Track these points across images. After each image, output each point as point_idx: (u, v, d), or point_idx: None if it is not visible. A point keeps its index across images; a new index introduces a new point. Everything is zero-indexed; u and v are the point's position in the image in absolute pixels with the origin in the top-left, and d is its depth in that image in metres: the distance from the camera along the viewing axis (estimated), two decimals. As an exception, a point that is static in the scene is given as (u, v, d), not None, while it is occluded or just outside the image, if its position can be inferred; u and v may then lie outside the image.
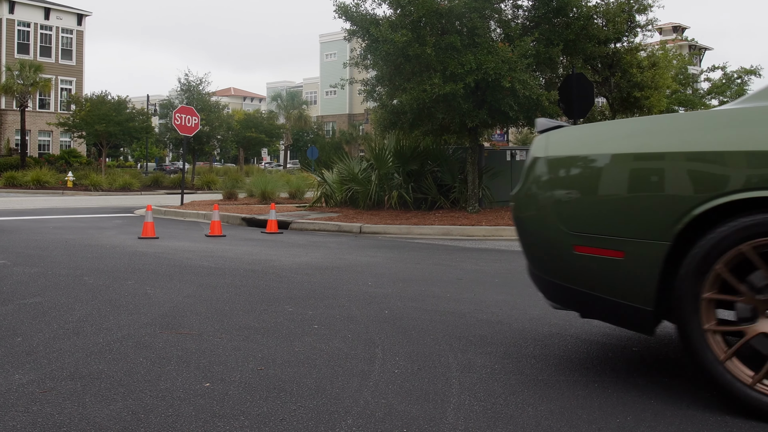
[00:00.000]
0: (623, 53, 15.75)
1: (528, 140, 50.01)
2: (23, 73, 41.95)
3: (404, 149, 15.51)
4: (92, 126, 39.07)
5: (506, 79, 12.02)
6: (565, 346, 4.22)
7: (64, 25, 51.25)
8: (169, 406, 3.12)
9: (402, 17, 13.34)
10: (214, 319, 4.89)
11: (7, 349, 4.02)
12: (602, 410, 3.09)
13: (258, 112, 64.18)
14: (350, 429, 2.87)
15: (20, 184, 29.79)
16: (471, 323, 4.84)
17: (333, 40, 71.92)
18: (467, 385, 3.45)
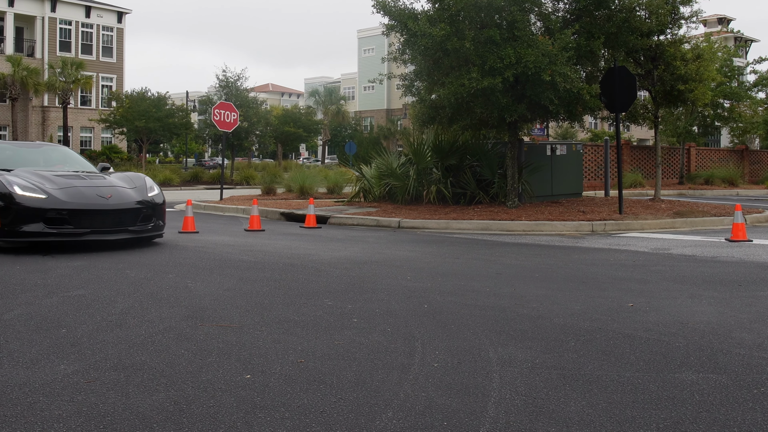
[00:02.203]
0: (667, 45, 15.40)
1: (568, 134, 49.47)
2: (65, 70, 42.78)
3: (443, 144, 15.42)
4: (132, 122, 39.69)
5: (546, 73, 11.87)
6: (608, 342, 4.15)
7: (105, 23, 52.05)
8: (210, 397, 3.14)
9: (440, 11, 13.25)
10: (254, 312, 4.92)
11: (52, 341, 4.09)
12: (647, 408, 3.03)
13: (296, 107, 64.57)
14: (390, 422, 2.86)
15: (64, 179, 30.45)
16: (511, 318, 4.80)
17: (371, 35, 71.91)
18: (508, 379, 3.42)
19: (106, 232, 8.10)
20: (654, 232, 11.51)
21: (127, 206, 8.31)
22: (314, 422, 2.85)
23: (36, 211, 7.73)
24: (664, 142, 28.02)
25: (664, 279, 6.54)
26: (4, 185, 7.85)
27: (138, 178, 9.15)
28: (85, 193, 8.14)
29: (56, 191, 7.96)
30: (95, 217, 8.04)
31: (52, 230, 7.76)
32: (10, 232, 7.69)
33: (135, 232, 8.37)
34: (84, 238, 7.93)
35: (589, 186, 21.79)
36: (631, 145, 27.40)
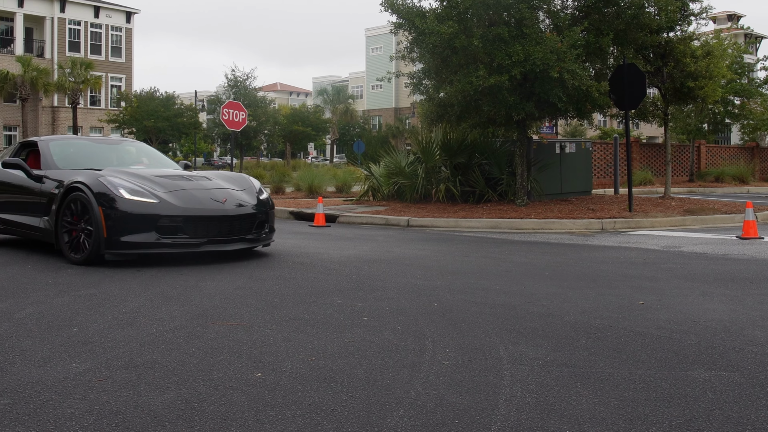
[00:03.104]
0: (676, 42, 15.32)
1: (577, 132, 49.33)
2: (74, 70, 43.00)
3: (451, 142, 15.40)
4: (141, 122, 39.89)
5: (555, 70, 11.83)
6: (619, 339, 4.14)
7: (114, 23, 52.24)
8: (221, 395, 3.15)
9: (448, 9, 13.23)
10: (264, 310, 4.93)
11: (64, 339, 4.11)
12: (659, 405, 3.01)
13: (304, 106, 64.65)
14: (402, 420, 2.86)
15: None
16: (521, 315, 4.79)
17: (379, 33, 71.93)
18: (519, 377, 3.41)
19: (223, 242, 7.17)
20: (664, 229, 11.46)
21: (244, 211, 7.41)
22: (325, 420, 2.85)
23: (147, 218, 6.77)
24: (673, 139, 27.86)
25: (674, 277, 6.52)
26: (108, 188, 6.87)
27: (243, 178, 8.29)
28: (199, 197, 7.19)
29: (167, 195, 7.01)
30: (211, 224, 7.11)
31: (166, 240, 6.81)
32: (116, 242, 6.72)
33: (251, 240, 7.50)
34: (200, 249, 6.99)
35: (598, 184, 21.72)
36: (640, 143, 27.29)
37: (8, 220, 8.02)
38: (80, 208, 6.93)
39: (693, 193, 21.27)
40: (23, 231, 7.80)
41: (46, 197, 7.41)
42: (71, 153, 8.34)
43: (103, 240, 6.68)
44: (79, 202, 6.94)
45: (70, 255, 6.99)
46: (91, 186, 6.89)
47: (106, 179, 6.97)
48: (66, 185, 7.12)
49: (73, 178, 7.14)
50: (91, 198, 6.80)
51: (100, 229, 6.70)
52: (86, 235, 6.85)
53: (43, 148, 8.12)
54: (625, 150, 20.88)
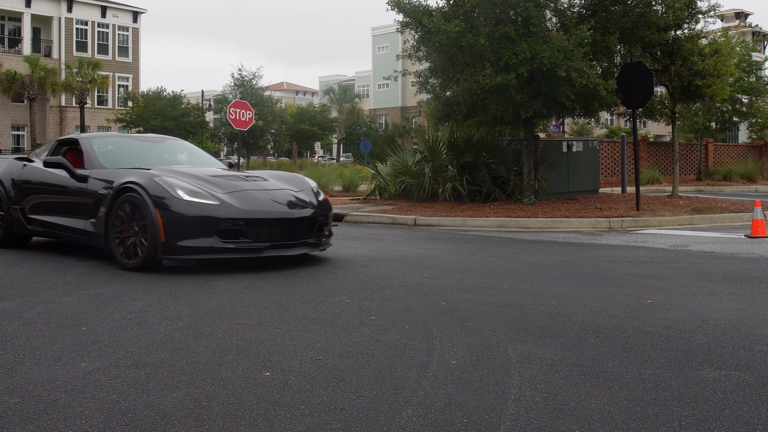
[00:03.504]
0: (684, 41, 15.27)
1: (584, 131, 49.22)
2: (82, 70, 43.14)
3: (458, 141, 15.38)
4: (148, 121, 40.00)
5: (562, 69, 11.80)
6: (627, 339, 4.12)
7: (120, 23, 52.39)
8: (230, 394, 3.15)
9: (455, 7, 13.22)
10: (272, 309, 4.93)
11: (73, 338, 4.12)
12: (669, 405, 3.00)
13: (311, 105, 64.71)
14: (410, 419, 2.86)
15: (82, 178, 30.61)
16: (529, 315, 4.78)
17: (385, 32, 71.91)
18: (527, 376, 3.40)
19: (286, 246, 6.78)
20: (672, 228, 11.43)
21: (306, 214, 6.99)
22: (334, 419, 2.85)
23: (208, 221, 6.34)
24: (681, 138, 27.78)
25: (683, 276, 6.50)
26: (165, 189, 6.43)
27: (299, 179, 7.87)
28: (260, 199, 6.78)
29: (227, 196, 6.59)
30: (274, 227, 6.70)
31: (228, 245, 6.40)
32: (174, 247, 6.31)
33: (313, 245, 7.12)
34: (263, 254, 6.62)
35: (605, 183, 21.67)
36: (647, 142, 27.21)
37: (49, 222, 7.54)
38: (133, 211, 6.52)
39: (701, 192, 21.20)
40: (65, 234, 7.36)
41: (92, 198, 6.97)
42: (115, 151, 7.92)
43: (161, 245, 6.28)
44: (133, 203, 6.51)
45: (123, 260, 6.56)
46: (146, 186, 6.45)
47: (161, 179, 6.54)
48: (117, 186, 6.67)
49: (124, 178, 6.70)
50: (147, 199, 6.37)
51: (157, 233, 6.27)
52: (140, 240, 6.44)
53: (85, 146, 7.66)
54: (632, 148, 20.84)
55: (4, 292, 5.51)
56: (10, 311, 4.82)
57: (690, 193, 19.05)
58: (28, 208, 7.81)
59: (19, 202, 7.88)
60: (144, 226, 6.40)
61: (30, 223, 7.78)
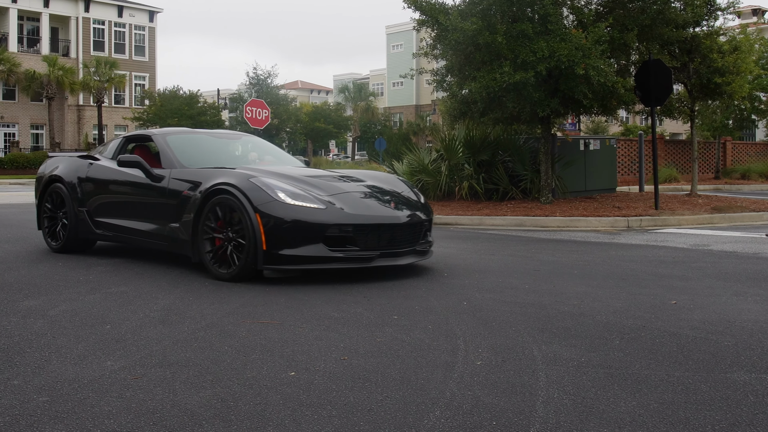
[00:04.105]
0: (702, 38, 15.14)
1: (600, 129, 48.94)
2: (99, 69, 43.43)
3: (474, 139, 15.33)
4: (165, 120, 40.18)
5: (580, 67, 11.73)
6: (653, 340, 4.09)
7: (137, 22, 52.70)
8: (256, 394, 3.15)
9: (472, 5, 13.18)
10: (294, 308, 4.93)
11: (97, 337, 4.14)
12: (700, 409, 2.97)
13: (325, 104, 64.80)
14: (438, 420, 2.84)
15: (99, 177, 30.74)
16: (553, 315, 4.75)
17: (399, 31, 71.85)
18: (554, 378, 3.38)
19: (395, 255, 6.18)
20: (691, 227, 11.34)
21: (415, 219, 6.37)
22: (362, 420, 2.84)
23: (314, 228, 5.76)
24: (698, 136, 27.57)
25: (705, 276, 6.44)
26: (265, 191, 5.85)
27: (394, 179, 7.31)
28: (366, 202, 6.22)
29: (331, 199, 6.03)
30: (383, 234, 6.09)
31: (336, 253, 5.83)
32: (277, 256, 5.74)
33: (420, 253, 6.52)
34: (372, 264, 6.03)
35: (622, 181, 21.54)
36: (665, 140, 27.02)
37: (120, 226, 7.04)
38: (228, 215, 5.96)
39: (719, 191, 21.02)
40: (140, 239, 6.85)
41: (174, 200, 6.43)
42: (193, 149, 7.28)
43: (262, 253, 5.71)
44: (227, 207, 5.94)
45: (215, 269, 6.02)
46: (243, 188, 5.87)
47: (259, 180, 5.95)
48: (208, 187, 6.10)
49: (215, 179, 6.13)
50: (245, 203, 5.80)
51: (258, 240, 5.71)
52: (236, 247, 5.89)
53: (161, 144, 7.11)
54: (649, 147, 20.69)
55: (28, 290, 5.54)
56: (35, 309, 4.85)
57: (708, 192, 18.90)
58: (96, 211, 7.33)
59: (85, 204, 7.41)
60: (241, 233, 5.84)
61: (98, 227, 7.29)
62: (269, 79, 52.64)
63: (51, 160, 8.26)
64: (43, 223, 7.90)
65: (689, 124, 17.04)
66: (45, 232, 7.87)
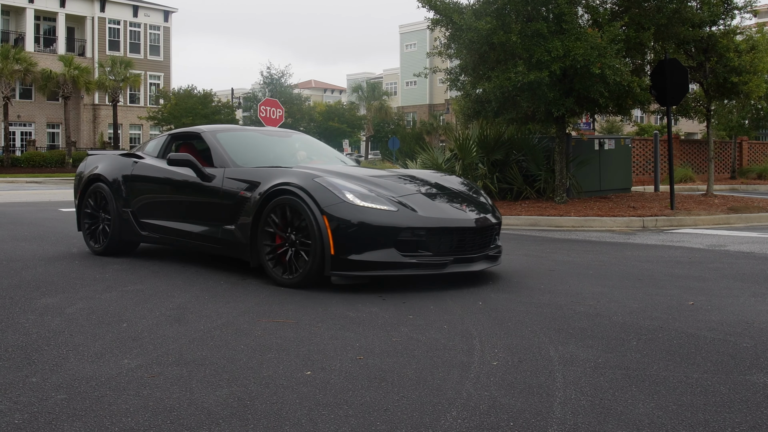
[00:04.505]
0: (719, 37, 15.04)
1: (614, 128, 48.70)
2: (114, 69, 43.72)
3: (488, 139, 15.29)
4: (180, 119, 40.38)
5: (596, 66, 11.67)
6: (671, 341, 4.06)
7: (152, 22, 53.02)
8: (273, 393, 3.15)
9: (486, 4, 13.14)
10: (309, 307, 4.93)
11: (114, 335, 4.16)
12: (719, 411, 2.94)
13: (339, 103, 64.85)
14: (455, 421, 2.83)
15: (114, 175, 30.88)
16: (569, 315, 4.72)
17: (413, 30, 71.82)
18: (571, 379, 3.36)
19: (468, 260, 5.78)
20: (708, 228, 11.25)
21: (487, 222, 5.96)
22: (378, 420, 2.84)
23: (386, 231, 5.37)
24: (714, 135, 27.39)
25: (723, 277, 6.39)
26: (332, 192, 5.49)
27: (453, 179, 6.87)
28: (437, 204, 5.84)
29: (401, 201, 5.64)
30: (455, 238, 5.69)
31: (408, 259, 5.43)
32: (346, 261, 5.36)
33: (492, 258, 6.12)
34: (445, 271, 5.60)
35: (637, 181, 21.42)
36: (680, 140, 26.85)
37: (168, 227, 6.74)
38: (291, 217, 5.61)
39: (735, 191, 20.87)
40: (192, 242, 6.51)
41: (229, 201, 6.11)
42: (244, 147, 6.95)
43: (330, 258, 5.36)
44: (291, 208, 5.60)
45: (277, 275, 5.68)
46: (308, 189, 5.52)
47: (324, 180, 5.61)
48: (268, 188, 5.76)
49: (276, 179, 5.80)
50: (311, 204, 5.44)
51: (326, 245, 5.35)
52: (301, 252, 5.54)
53: (211, 141, 6.78)
54: (664, 146, 20.57)
55: (46, 287, 5.58)
56: (52, 307, 4.88)
57: (724, 192, 18.77)
58: (141, 211, 7.02)
59: (130, 204, 7.10)
60: (306, 236, 5.49)
61: (143, 229, 6.99)
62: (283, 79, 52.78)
63: (91, 158, 7.94)
64: (83, 224, 7.58)
65: (705, 124, 16.92)
66: (86, 234, 7.58)
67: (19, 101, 46.85)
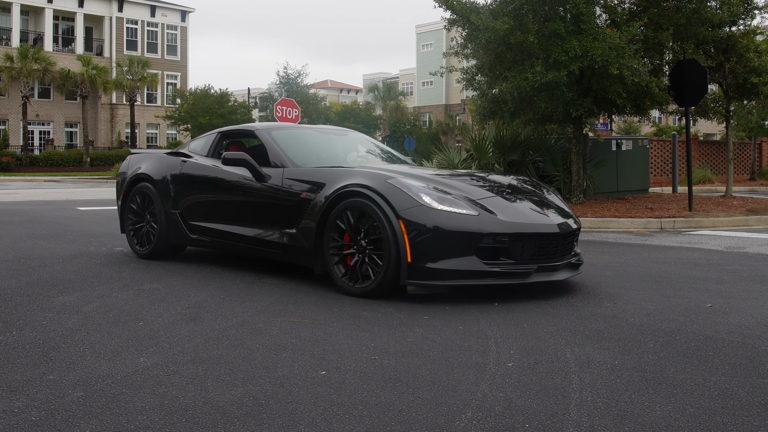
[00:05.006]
0: (739, 37, 14.90)
1: (632, 129, 48.41)
2: (132, 68, 44.01)
3: (504, 139, 15.23)
4: (196, 119, 40.57)
5: (614, 66, 11.60)
6: (688, 343, 4.02)
7: (169, 22, 53.32)
8: (288, 393, 3.16)
9: (503, 4, 13.10)
10: (324, 307, 4.94)
11: (131, 333, 4.18)
12: (738, 414, 2.91)
13: (355, 103, 64.91)
14: (470, 422, 2.82)
15: (131, 175, 31.07)
16: (585, 317, 4.69)
17: (429, 30, 71.72)
18: (587, 381, 3.34)
19: (551, 269, 5.35)
20: (726, 229, 11.15)
21: (569, 227, 5.54)
22: (393, 421, 2.83)
23: (466, 237, 4.97)
24: (733, 136, 27.14)
25: (741, 279, 6.32)
26: (407, 194, 5.09)
27: (531, 179, 6.50)
28: (518, 207, 5.42)
29: (481, 204, 5.25)
30: (538, 244, 5.26)
31: (492, 267, 5.04)
32: (423, 270, 4.95)
33: (574, 267, 5.69)
34: (528, 281, 5.18)
35: (655, 182, 21.28)
36: (698, 140, 26.64)
37: (221, 231, 6.40)
38: (361, 221, 5.26)
39: (755, 192, 20.67)
40: (247, 246, 6.18)
41: (290, 203, 5.76)
42: (301, 146, 6.59)
43: (406, 266, 4.96)
44: (361, 212, 5.24)
45: (345, 283, 5.31)
46: (381, 191, 5.13)
47: (398, 181, 5.20)
48: (335, 189, 5.39)
49: (344, 180, 5.43)
50: (385, 207, 5.05)
51: (402, 251, 4.96)
52: (372, 258, 5.17)
53: (267, 140, 6.42)
54: (682, 147, 20.41)
55: (63, 286, 5.62)
56: (70, 305, 4.92)
57: (743, 194, 18.59)
58: (191, 213, 6.70)
59: (178, 206, 6.78)
60: (378, 242, 5.11)
61: (193, 232, 6.67)
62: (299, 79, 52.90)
63: (134, 157, 7.72)
64: (127, 225, 7.30)
65: (724, 125, 16.77)
66: (130, 236, 7.28)
67: (38, 100, 47.28)
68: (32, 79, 42.66)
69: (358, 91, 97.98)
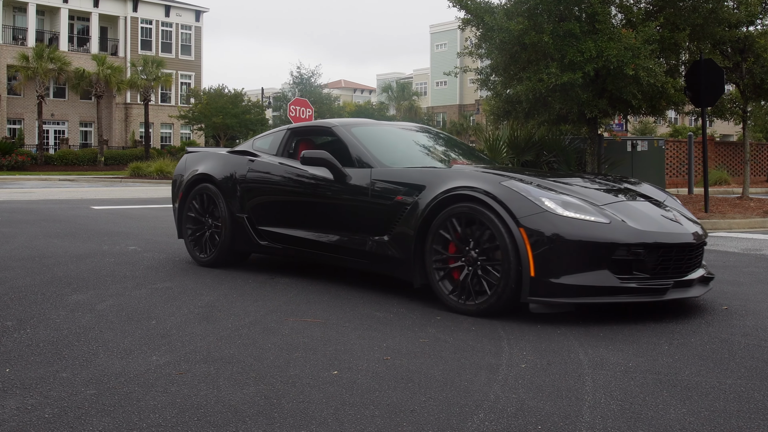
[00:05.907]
0: (756, 37, 14.80)
1: (647, 129, 48.12)
2: (146, 68, 44.21)
3: (518, 139, 15.16)
4: (210, 118, 40.70)
5: (630, 67, 11.52)
6: (704, 346, 3.98)
7: (183, 22, 53.54)
8: (299, 392, 3.15)
9: (518, 4, 13.06)
10: (337, 306, 4.93)
11: (143, 332, 4.19)
12: (753, 418, 2.88)
13: (368, 103, 64.94)
14: (482, 423, 2.80)
15: (145, 174, 31.29)
16: (598, 318, 4.66)
17: (443, 30, 71.61)
18: (601, 382, 3.31)
19: (687, 284, 4.76)
20: (743, 231, 11.05)
21: (700, 238, 4.96)
22: (405, 421, 2.82)
23: (597, 248, 4.39)
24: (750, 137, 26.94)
25: (758, 281, 6.26)
26: (528, 200, 4.49)
27: (635, 181, 5.88)
28: (649, 214, 4.81)
29: (609, 210, 4.65)
30: (674, 256, 4.68)
31: (626, 283, 4.44)
32: (549, 285, 4.36)
33: (706, 281, 5.07)
34: (665, 297, 4.58)
35: (670, 183, 21.15)
36: (715, 141, 26.45)
37: (298, 238, 5.83)
38: (469, 229, 4.67)
39: (771, 194, 20.49)
40: (327, 255, 5.64)
41: (382, 207, 5.19)
42: (384, 143, 5.99)
43: (529, 280, 4.37)
44: (470, 219, 4.65)
45: (452, 300, 4.74)
46: (497, 195, 4.54)
47: (514, 185, 4.62)
48: (440, 193, 4.79)
49: (449, 183, 4.83)
50: (503, 214, 4.47)
51: (524, 264, 4.38)
52: (485, 270, 4.58)
53: (347, 137, 5.83)
54: (698, 148, 20.26)
55: (77, 284, 5.65)
56: (83, 303, 4.94)
57: (760, 195, 18.44)
58: (260, 218, 6.16)
59: (245, 209, 6.23)
60: (493, 252, 4.54)
61: (262, 238, 6.13)
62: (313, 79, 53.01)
63: (191, 156, 7.10)
64: (186, 230, 6.73)
65: (741, 126, 16.64)
66: (189, 242, 6.72)
67: (53, 100, 47.62)
68: (47, 79, 42.95)
69: (372, 91, 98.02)
